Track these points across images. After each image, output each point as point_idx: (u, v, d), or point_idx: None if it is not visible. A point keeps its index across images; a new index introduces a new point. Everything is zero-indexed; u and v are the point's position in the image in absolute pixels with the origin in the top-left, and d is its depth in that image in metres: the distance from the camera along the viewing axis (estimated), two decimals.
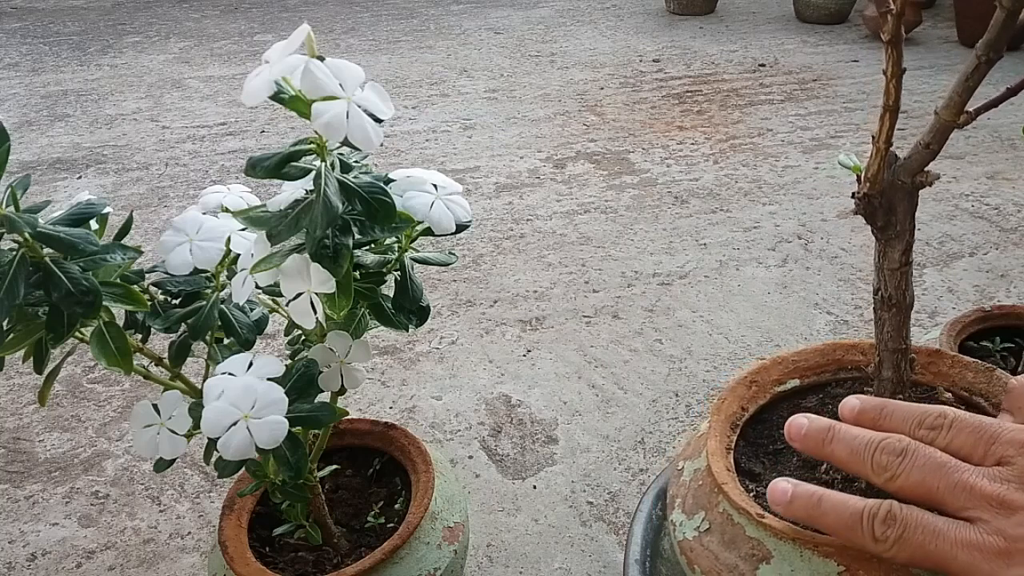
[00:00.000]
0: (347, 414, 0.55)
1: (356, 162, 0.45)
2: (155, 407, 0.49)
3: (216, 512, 0.85)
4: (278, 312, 0.54)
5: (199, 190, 1.48)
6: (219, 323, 0.50)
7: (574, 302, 1.24)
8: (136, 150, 1.90)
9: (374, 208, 0.44)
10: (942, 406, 0.38)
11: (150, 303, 0.49)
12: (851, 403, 0.40)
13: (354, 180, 0.43)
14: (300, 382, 0.48)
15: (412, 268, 0.50)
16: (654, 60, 2.45)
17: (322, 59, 0.40)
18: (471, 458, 0.94)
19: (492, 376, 1.08)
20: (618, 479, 0.90)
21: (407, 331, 0.51)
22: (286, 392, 0.45)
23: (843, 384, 0.53)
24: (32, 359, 0.46)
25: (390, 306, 0.50)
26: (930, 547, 0.33)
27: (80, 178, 1.76)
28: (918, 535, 0.34)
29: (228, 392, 0.44)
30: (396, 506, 0.64)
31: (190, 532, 0.86)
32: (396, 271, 0.50)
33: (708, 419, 0.50)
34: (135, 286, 0.46)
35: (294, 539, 0.61)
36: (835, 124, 1.91)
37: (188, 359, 0.52)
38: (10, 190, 0.42)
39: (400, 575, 0.57)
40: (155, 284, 0.50)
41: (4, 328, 0.44)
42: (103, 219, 0.48)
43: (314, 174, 0.43)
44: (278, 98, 0.40)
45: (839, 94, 2.10)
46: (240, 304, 0.50)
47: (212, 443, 0.45)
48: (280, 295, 0.46)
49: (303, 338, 0.54)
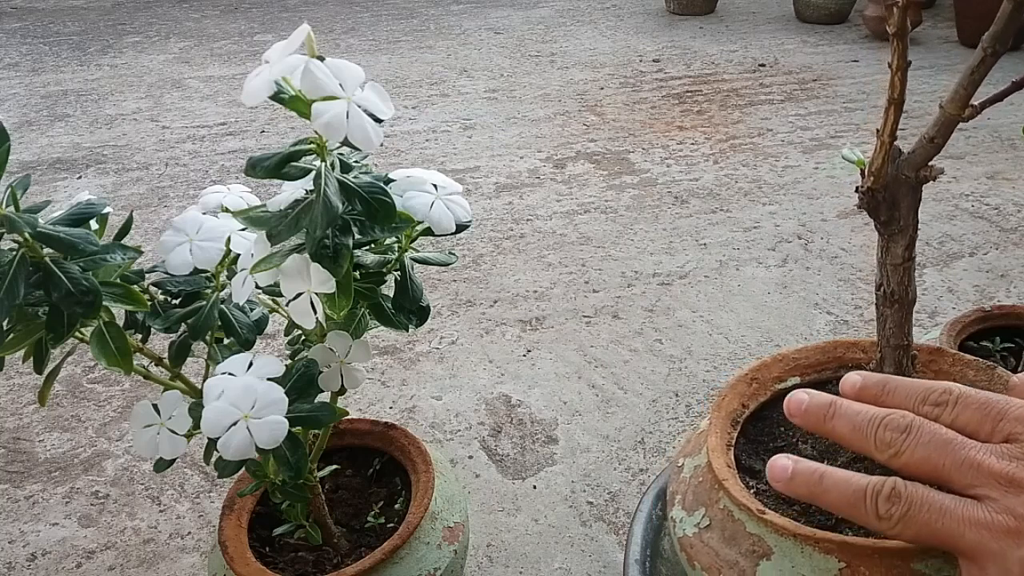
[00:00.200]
0: (347, 414, 0.55)
1: (356, 162, 0.45)
2: (155, 407, 0.49)
3: (216, 512, 0.85)
4: (278, 312, 0.54)
5: (199, 190, 1.48)
6: (219, 323, 0.50)
7: (574, 302, 1.24)
8: (136, 150, 1.90)
9: (374, 208, 0.44)
10: (947, 382, 0.37)
11: (150, 303, 0.49)
12: (852, 379, 0.39)
13: (354, 180, 0.43)
14: (300, 382, 0.48)
15: (412, 268, 0.50)
16: (654, 60, 2.45)
17: (322, 59, 0.40)
18: (471, 458, 0.94)
19: (492, 376, 1.08)
20: (618, 479, 0.90)
21: (407, 331, 0.51)
22: (286, 392, 0.45)
23: None
24: (32, 359, 0.46)
25: (390, 306, 0.50)
26: (936, 525, 0.32)
27: (80, 178, 1.76)
28: (924, 513, 0.33)
29: (228, 392, 0.44)
30: (396, 506, 0.64)
31: (190, 532, 0.86)
32: (396, 271, 0.50)
33: (708, 416, 0.50)
34: (135, 286, 0.46)
35: (294, 539, 0.61)
36: (835, 124, 1.91)
37: (188, 359, 0.52)
38: (10, 190, 0.42)
39: (400, 575, 0.57)
40: (155, 284, 0.50)
41: (4, 328, 0.44)
42: (103, 219, 0.48)
43: (314, 174, 0.43)
44: (278, 98, 0.40)
45: (839, 94, 2.10)
46: (240, 304, 0.50)
47: (212, 443, 0.45)
48: (280, 295, 0.46)
49: (303, 338, 0.54)
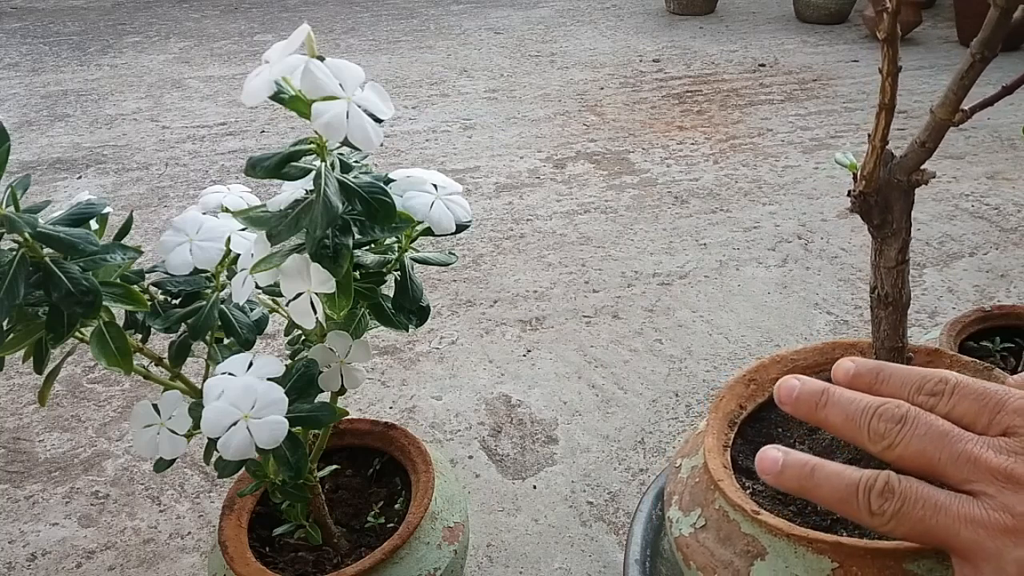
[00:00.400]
0: (347, 414, 0.55)
1: (356, 162, 0.45)
2: (155, 407, 0.49)
3: (216, 512, 0.85)
4: (278, 312, 0.54)
5: (199, 190, 1.48)
6: (219, 323, 0.50)
7: (574, 302, 1.24)
8: (136, 150, 1.90)
9: (374, 208, 0.44)
10: (943, 370, 0.35)
11: (150, 303, 0.49)
12: (845, 365, 0.37)
13: (354, 180, 0.43)
14: (300, 382, 0.48)
15: (412, 268, 0.50)
16: (654, 60, 2.45)
17: (322, 59, 0.40)
18: (471, 458, 0.94)
19: (492, 376, 1.08)
20: (618, 479, 0.90)
21: (407, 331, 0.51)
22: (286, 392, 0.45)
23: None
24: (32, 359, 0.46)
25: (390, 306, 0.50)
26: (931, 522, 0.31)
27: (80, 178, 1.76)
28: (918, 509, 0.31)
29: (228, 392, 0.44)
30: (396, 506, 0.64)
31: (190, 532, 0.86)
32: (396, 271, 0.50)
33: (706, 417, 0.50)
34: (135, 286, 0.46)
35: (294, 539, 0.61)
36: (835, 124, 1.90)
37: (188, 359, 0.52)
38: (10, 190, 0.42)
39: (400, 575, 0.57)
40: (155, 284, 0.50)
41: (4, 328, 0.44)
42: (103, 219, 0.48)
43: (314, 174, 0.43)
44: (278, 98, 0.40)
45: (839, 94, 2.10)
46: (240, 304, 0.50)
47: (212, 443, 0.45)
48: (280, 295, 0.46)
49: (303, 338, 0.54)
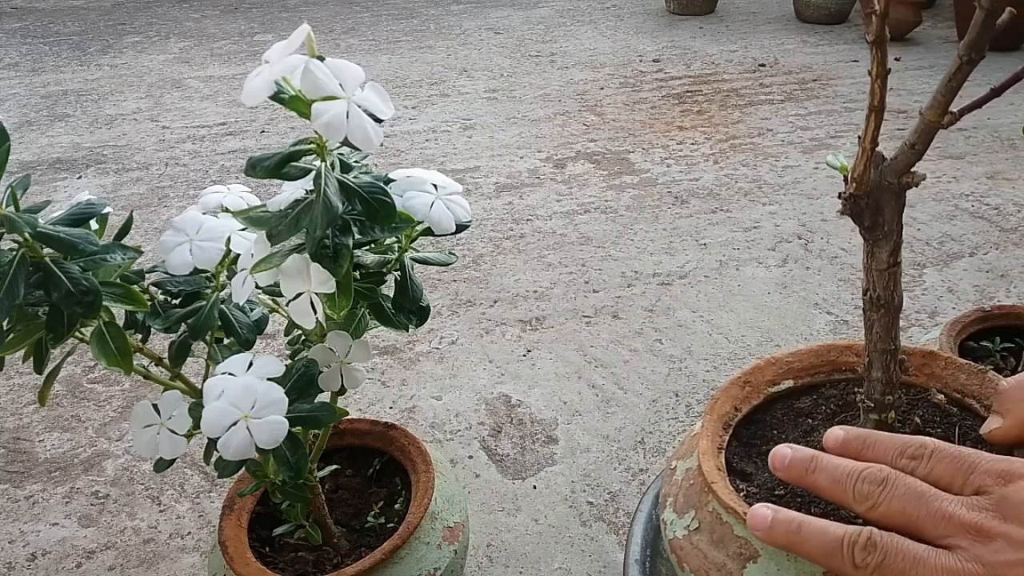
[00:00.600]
0: (347, 414, 0.55)
1: (356, 162, 0.45)
2: (155, 407, 0.49)
3: (216, 512, 0.85)
4: (278, 312, 0.54)
5: (199, 190, 1.48)
6: (219, 323, 0.50)
7: (574, 302, 1.24)
8: (136, 150, 1.90)
9: (374, 208, 0.44)
10: (924, 437, 0.39)
11: (150, 303, 0.49)
12: (836, 434, 0.41)
13: (354, 180, 0.43)
14: (300, 382, 0.48)
15: (412, 268, 0.50)
16: (654, 60, 2.45)
17: (322, 59, 0.40)
18: (471, 458, 0.94)
19: (492, 376, 1.08)
20: (618, 479, 0.90)
21: (407, 331, 0.51)
22: (286, 392, 0.45)
23: (837, 385, 0.53)
24: (32, 359, 0.46)
25: (390, 306, 0.50)
26: (910, 574, 0.34)
27: (80, 178, 1.76)
28: (898, 562, 0.34)
29: (228, 392, 0.44)
30: (396, 506, 0.64)
31: (190, 532, 0.86)
32: (396, 271, 0.50)
33: (701, 419, 0.50)
34: (135, 286, 0.46)
35: (294, 539, 0.61)
36: (835, 124, 1.91)
37: (188, 359, 0.52)
38: (10, 190, 0.42)
39: (400, 575, 0.57)
40: (155, 284, 0.50)
41: (4, 328, 0.44)
42: (103, 219, 0.48)
43: (314, 174, 0.43)
44: (278, 98, 0.40)
45: (839, 94, 2.10)
46: (240, 304, 0.50)
47: (212, 443, 0.45)
48: (280, 295, 0.46)
49: (303, 338, 0.54)
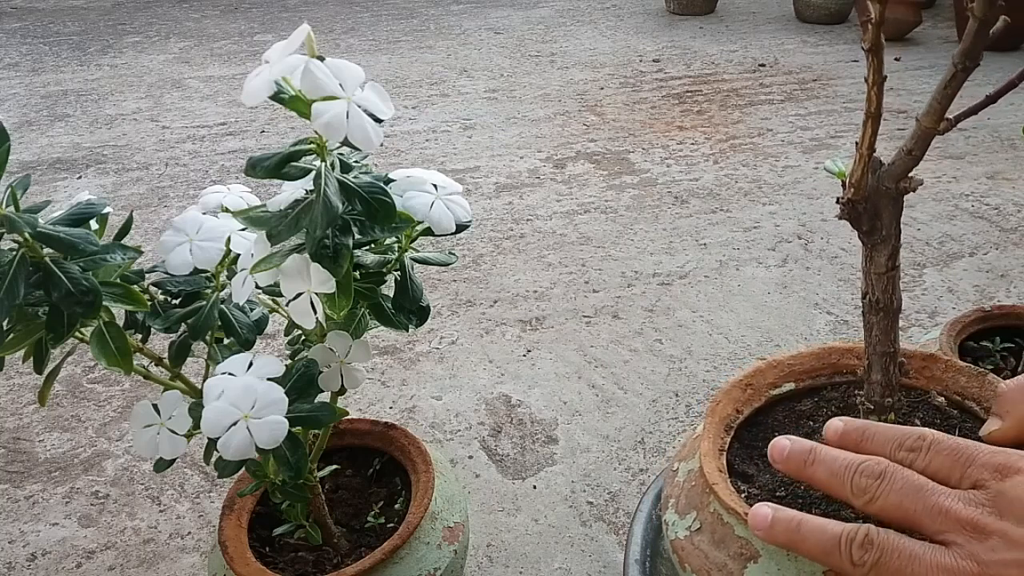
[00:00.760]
0: (347, 414, 0.55)
1: (356, 162, 0.45)
2: (155, 407, 0.49)
3: (216, 512, 0.85)
4: (278, 312, 0.54)
5: (199, 190, 1.48)
6: (219, 323, 0.50)
7: (574, 302, 1.24)
8: (136, 150, 1.90)
9: (374, 208, 0.44)
10: (922, 428, 0.39)
11: (150, 303, 0.49)
12: (835, 425, 0.41)
13: (354, 180, 0.43)
14: (300, 382, 0.48)
15: (412, 268, 0.50)
16: (654, 60, 2.45)
17: (322, 59, 0.40)
18: (471, 458, 0.94)
19: (492, 376, 1.08)
20: (618, 479, 0.90)
21: (407, 331, 0.51)
22: (286, 392, 0.45)
23: (838, 387, 0.53)
24: (32, 359, 0.46)
25: (390, 306, 0.50)
26: (907, 571, 0.34)
27: (80, 178, 1.76)
28: (895, 559, 0.34)
29: (228, 392, 0.44)
30: (396, 506, 0.64)
31: (190, 532, 0.86)
32: (396, 271, 0.50)
33: (703, 421, 0.50)
34: (135, 286, 0.46)
35: (294, 539, 0.61)
36: (835, 124, 1.91)
37: (188, 359, 0.52)
38: (10, 190, 0.42)
39: (400, 575, 0.57)
40: (155, 284, 0.50)
41: (4, 328, 0.44)
42: (103, 219, 0.48)
43: (314, 174, 0.43)
44: (278, 98, 0.40)
45: (839, 94, 2.10)
46: (240, 304, 0.50)
47: (212, 443, 0.45)
48: (280, 295, 0.46)
49: (303, 338, 0.54)
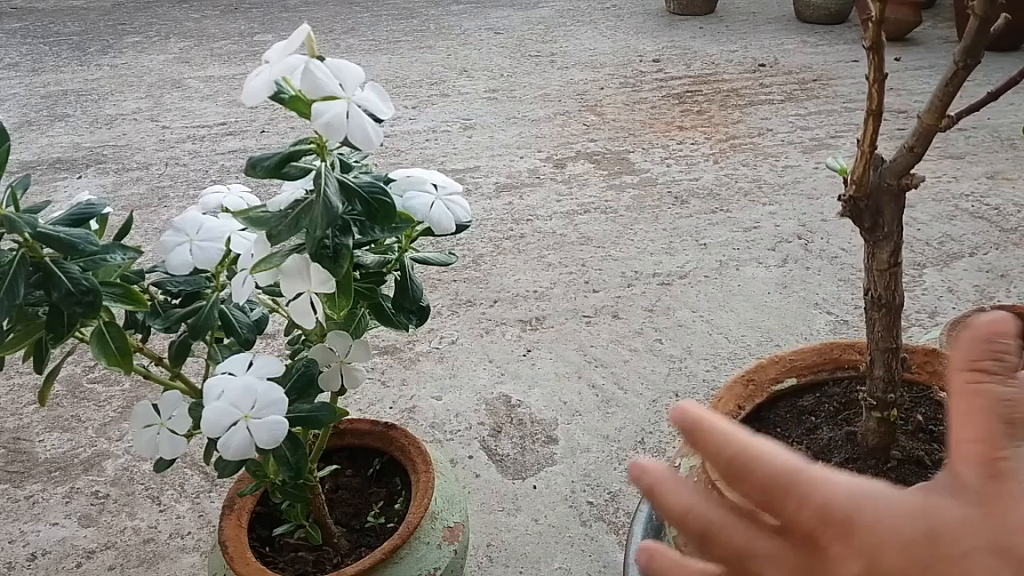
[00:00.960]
0: (347, 414, 0.55)
1: (356, 162, 0.45)
2: (155, 407, 0.49)
3: (216, 512, 0.85)
4: (278, 312, 0.54)
5: (199, 190, 1.48)
6: (219, 323, 0.50)
7: (574, 302, 1.24)
8: (136, 150, 1.90)
9: (374, 208, 0.44)
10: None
11: (150, 303, 0.49)
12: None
13: (354, 180, 0.43)
14: (300, 382, 0.48)
15: (412, 268, 0.50)
16: (654, 60, 2.45)
17: (322, 59, 0.40)
18: (471, 458, 0.94)
19: (492, 376, 1.08)
20: (618, 479, 0.90)
21: (407, 331, 0.51)
22: (286, 392, 0.45)
23: (840, 383, 0.53)
24: (32, 359, 0.46)
25: (390, 306, 0.50)
26: None
27: (80, 178, 1.76)
28: None
29: (228, 392, 0.44)
30: (396, 506, 0.64)
31: (190, 532, 0.86)
32: (396, 271, 0.50)
33: None
34: (135, 286, 0.46)
35: (294, 539, 0.61)
36: (835, 124, 1.90)
37: (188, 359, 0.52)
38: (10, 190, 0.42)
39: (400, 575, 0.57)
40: (155, 284, 0.50)
41: (4, 328, 0.44)
42: (103, 219, 0.48)
43: (314, 174, 0.43)
44: (278, 98, 0.40)
45: (839, 94, 2.10)
46: (240, 304, 0.50)
47: (212, 443, 0.45)
48: (280, 295, 0.46)
49: (303, 338, 0.54)
